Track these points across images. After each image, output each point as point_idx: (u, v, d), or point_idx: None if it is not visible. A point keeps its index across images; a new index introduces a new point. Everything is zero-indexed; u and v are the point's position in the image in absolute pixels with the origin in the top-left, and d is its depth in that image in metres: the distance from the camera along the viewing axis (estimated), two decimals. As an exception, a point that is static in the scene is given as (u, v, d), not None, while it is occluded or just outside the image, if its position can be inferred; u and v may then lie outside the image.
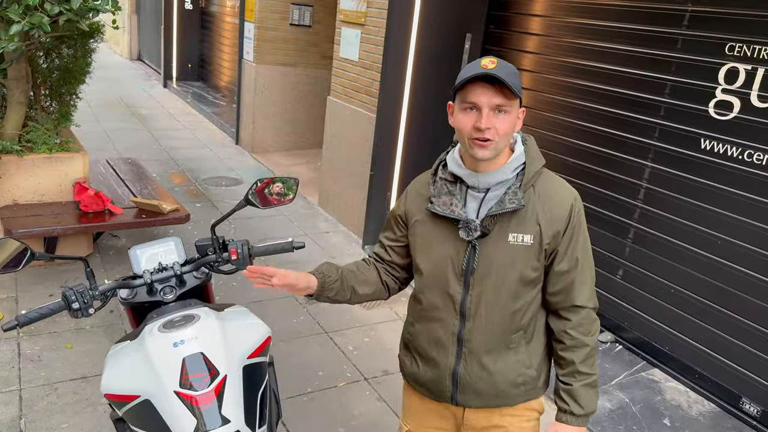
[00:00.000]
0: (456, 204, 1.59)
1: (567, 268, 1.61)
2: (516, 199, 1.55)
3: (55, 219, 3.82)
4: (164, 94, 11.01)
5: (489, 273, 1.59)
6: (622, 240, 3.74)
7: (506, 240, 1.58)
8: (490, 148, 1.51)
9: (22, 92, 3.94)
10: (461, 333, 1.65)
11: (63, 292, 1.69)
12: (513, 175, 1.60)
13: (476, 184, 1.59)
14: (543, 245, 1.58)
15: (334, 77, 5.42)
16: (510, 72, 1.49)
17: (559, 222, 1.59)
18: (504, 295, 1.60)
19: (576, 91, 3.93)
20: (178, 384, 1.52)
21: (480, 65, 1.48)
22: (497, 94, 1.48)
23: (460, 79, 1.51)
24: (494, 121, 1.49)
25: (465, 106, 1.51)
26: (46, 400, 2.89)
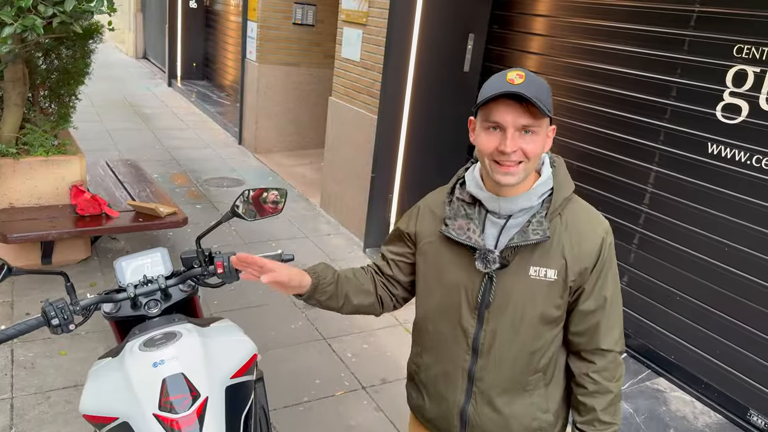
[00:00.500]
0: (473, 230, 1.44)
1: (593, 307, 1.45)
2: (541, 230, 1.39)
3: (51, 223, 3.77)
4: (168, 93, 10.99)
5: (506, 308, 1.45)
6: (626, 245, 3.65)
7: (527, 273, 1.43)
8: (514, 173, 1.35)
9: (19, 94, 3.89)
10: (472, 370, 1.51)
11: (42, 307, 1.64)
12: (539, 201, 1.43)
13: (497, 209, 1.44)
14: (568, 282, 1.43)
15: (336, 78, 5.36)
16: (540, 87, 1.33)
17: (588, 257, 1.43)
18: (522, 333, 1.46)
19: (580, 92, 3.85)
20: (157, 406, 1.46)
21: (506, 79, 1.31)
22: (524, 113, 1.31)
23: (483, 95, 1.34)
24: (520, 143, 1.33)
25: (488, 125, 1.35)
26: (38, 409, 2.85)
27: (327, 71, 7.48)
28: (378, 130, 4.63)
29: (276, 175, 6.73)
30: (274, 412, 3.00)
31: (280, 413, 3.01)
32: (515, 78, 1.31)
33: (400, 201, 4.81)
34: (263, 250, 4.74)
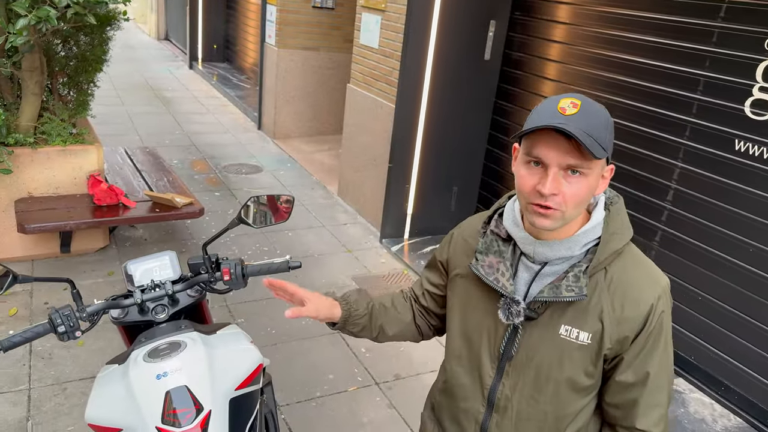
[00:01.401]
0: (503, 272, 1.27)
1: (632, 381, 1.25)
2: (576, 287, 1.19)
3: (69, 213, 3.80)
4: (189, 75, 11.00)
5: (530, 365, 1.28)
6: (648, 242, 3.57)
7: (557, 332, 1.24)
8: (551, 217, 1.16)
9: (37, 83, 3.90)
10: (486, 424, 1.36)
11: (49, 314, 1.63)
12: (582, 251, 1.23)
13: (531, 253, 1.26)
14: (603, 349, 1.23)
15: (354, 64, 5.29)
16: (596, 122, 1.12)
17: (632, 324, 1.21)
18: (546, 395, 1.29)
19: (603, 84, 3.75)
20: (160, 419, 1.46)
21: (557, 108, 1.13)
22: (572, 152, 1.11)
23: (529, 122, 1.16)
24: (563, 185, 1.13)
25: (529, 159, 1.16)
26: (54, 400, 2.88)
27: (346, 56, 7.40)
28: (396, 119, 4.57)
29: (294, 161, 6.71)
30: (287, 407, 3.01)
31: (292, 408, 3.01)
32: (568, 107, 1.12)
33: (417, 192, 4.75)
34: (279, 239, 4.74)
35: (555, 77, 4.12)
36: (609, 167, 1.22)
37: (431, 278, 1.54)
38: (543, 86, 4.23)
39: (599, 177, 1.19)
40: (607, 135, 1.15)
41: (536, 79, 4.29)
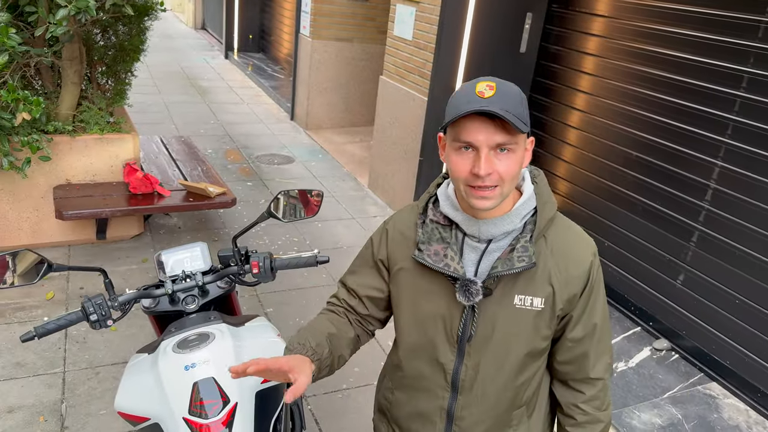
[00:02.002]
0: (451, 256, 1.29)
1: (581, 335, 1.35)
2: (526, 256, 1.25)
3: (105, 200, 3.87)
4: (225, 65, 11.10)
5: (490, 340, 1.32)
6: (684, 243, 3.48)
7: (512, 303, 1.30)
8: (491, 197, 1.21)
9: (76, 72, 3.98)
10: (452, 408, 1.39)
11: (82, 303, 1.66)
12: (521, 223, 1.30)
13: (477, 233, 1.29)
14: (556, 310, 1.31)
15: (387, 56, 5.26)
16: (514, 99, 1.18)
17: (577, 282, 1.31)
18: (507, 367, 1.34)
19: (643, 79, 3.65)
20: (187, 410, 1.47)
21: (475, 92, 1.18)
22: (498, 131, 1.16)
23: (450, 110, 1.20)
24: (496, 163, 1.18)
25: (458, 145, 1.21)
26: (88, 384, 2.95)
27: (380, 47, 7.38)
28: (428, 113, 4.54)
29: (326, 152, 6.73)
30: (313, 398, 3.03)
31: (318, 399, 3.03)
32: (485, 90, 1.17)
33: (448, 185, 4.72)
34: (309, 230, 4.77)
35: (592, 71, 4.03)
36: (530, 139, 1.28)
37: (368, 282, 1.46)
38: (580, 80, 4.15)
39: (524, 150, 1.25)
40: (524, 110, 1.21)
41: (573, 73, 4.21)
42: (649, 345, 3.62)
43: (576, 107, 4.18)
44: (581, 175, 4.17)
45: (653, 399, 3.17)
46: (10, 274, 1.62)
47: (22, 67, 3.85)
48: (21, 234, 3.98)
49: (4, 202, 3.86)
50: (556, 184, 4.41)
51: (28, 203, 3.94)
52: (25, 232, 3.99)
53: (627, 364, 3.43)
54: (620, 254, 3.90)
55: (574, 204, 4.25)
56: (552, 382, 1.46)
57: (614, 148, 3.87)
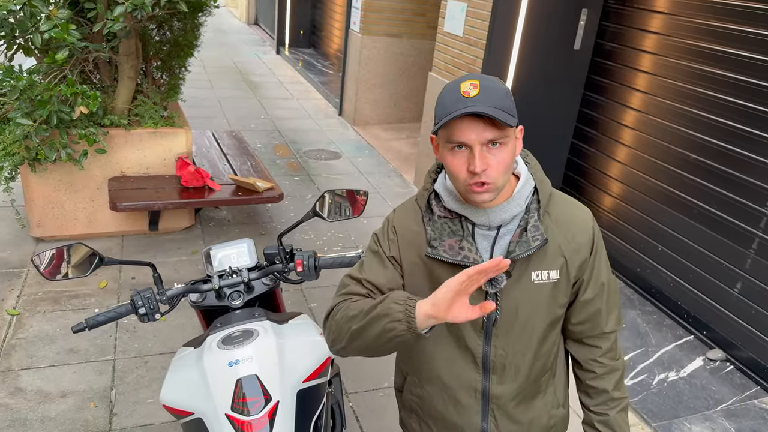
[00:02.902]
0: (468, 248, 1.32)
1: (592, 295, 1.43)
2: (539, 235, 1.31)
3: (158, 193, 3.97)
4: (276, 60, 11.23)
5: (515, 321, 1.37)
6: (743, 250, 3.33)
7: (530, 280, 1.35)
8: (490, 190, 1.25)
9: (132, 67, 4.08)
10: (486, 389, 1.43)
11: (131, 296, 1.70)
12: (525, 204, 1.35)
13: (487, 222, 1.33)
14: (570, 278, 1.38)
15: (437, 52, 5.22)
16: (498, 94, 1.21)
17: (585, 248, 1.38)
18: (534, 340, 1.40)
19: (703, 78, 3.51)
20: (230, 407, 1.49)
21: (460, 93, 1.21)
22: (488, 128, 1.20)
23: (439, 113, 1.24)
24: (489, 158, 1.22)
25: (451, 146, 1.24)
26: (136, 372, 3.04)
27: (429, 43, 7.33)
28: (477, 111, 4.47)
29: (372, 148, 6.73)
30: (354, 395, 3.03)
31: (360, 396, 3.03)
32: (470, 90, 1.21)
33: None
34: (355, 226, 4.78)
35: (649, 69, 3.90)
36: (519, 128, 1.31)
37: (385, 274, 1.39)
38: (636, 78, 4.02)
39: (515, 140, 1.28)
40: (511, 103, 1.24)
41: (629, 71, 4.08)
42: (703, 355, 3.49)
43: (631, 106, 4.06)
44: (635, 177, 4.04)
45: (705, 411, 3.06)
46: (66, 265, 1.67)
47: (81, 62, 3.98)
48: (77, 224, 4.12)
49: (62, 193, 4.00)
50: (608, 185, 4.29)
51: (85, 194, 4.07)
52: (81, 222, 4.13)
53: (678, 374, 3.32)
54: (674, 260, 3.77)
55: (627, 206, 4.12)
56: (566, 343, 1.53)
57: (670, 150, 3.74)
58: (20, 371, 2.96)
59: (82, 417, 2.74)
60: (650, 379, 3.25)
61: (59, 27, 3.26)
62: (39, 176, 3.89)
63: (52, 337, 3.21)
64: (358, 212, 1.87)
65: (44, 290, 3.59)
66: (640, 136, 3.99)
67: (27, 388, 2.86)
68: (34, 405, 2.77)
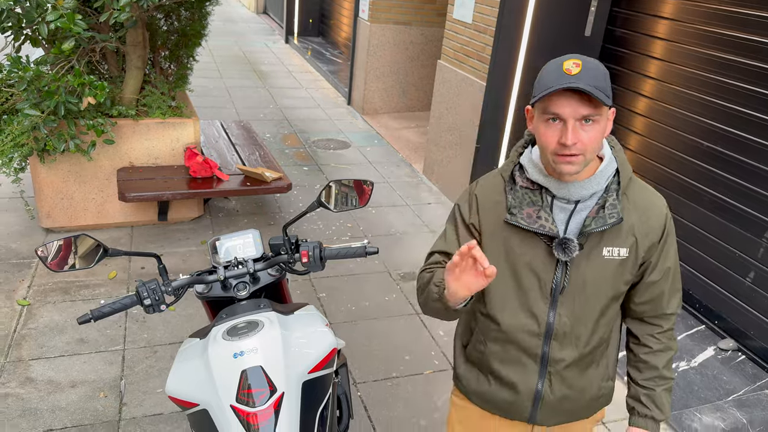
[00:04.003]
0: (545, 218, 1.42)
1: (658, 278, 1.51)
2: (615, 212, 1.40)
3: (166, 183, 3.97)
4: (285, 49, 11.19)
5: (581, 291, 1.47)
6: (757, 239, 3.29)
7: (600, 255, 1.45)
8: (577, 163, 1.34)
9: (140, 57, 4.07)
10: (546, 353, 1.52)
11: (136, 287, 1.70)
12: (605, 184, 1.44)
13: (567, 195, 1.43)
14: (639, 258, 1.47)
15: (446, 40, 5.17)
16: (598, 74, 1.29)
17: (655, 232, 1.47)
18: (596, 312, 1.50)
19: (717, 65, 3.45)
20: (234, 398, 1.48)
21: (562, 70, 1.29)
22: (584, 104, 1.29)
23: (539, 86, 1.33)
24: (581, 134, 1.31)
25: (547, 117, 1.33)
26: (146, 362, 3.05)
27: (438, 30, 7.27)
28: (486, 99, 4.44)
29: (381, 138, 6.70)
30: (363, 384, 3.03)
31: (368, 386, 3.03)
32: (572, 68, 1.28)
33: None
34: (363, 216, 4.76)
35: (662, 56, 3.84)
36: (611, 110, 1.38)
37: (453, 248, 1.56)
38: (648, 65, 3.96)
39: (606, 120, 1.36)
40: (607, 84, 1.32)
41: (640, 58, 4.02)
42: (714, 344, 3.45)
43: (643, 93, 4.00)
44: (646, 164, 3.99)
45: (716, 401, 3.03)
46: (71, 257, 1.67)
47: (88, 53, 3.97)
48: (87, 214, 4.14)
49: (71, 184, 4.01)
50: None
51: (94, 185, 4.08)
52: (90, 213, 4.14)
53: (689, 363, 3.29)
54: (685, 248, 3.72)
55: (638, 195, 4.07)
56: (626, 320, 1.62)
57: (683, 137, 3.69)
58: (31, 361, 2.98)
59: (92, 407, 2.75)
60: (661, 370, 3.22)
61: (65, 17, 3.25)
62: (48, 167, 3.90)
63: (62, 328, 3.23)
64: (363, 202, 1.86)
65: (54, 281, 3.61)
66: (651, 123, 3.93)
67: (37, 378, 2.88)
68: (45, 395, 2.79)
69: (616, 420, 2.94)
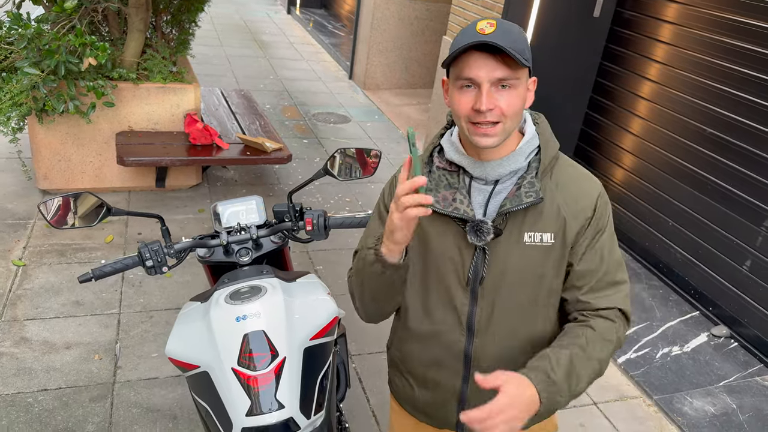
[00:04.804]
0: (461, 200, 1.30)
1: (587, 267, 1.33)
2: (533, 192, 1.26)
3: (165, 149, 3.93)
4: (287, 20, 11.06)
5: (502, 281, 1.32)
6: (755, 227, 3.30)
7: (521, 240, 1.30)
8: (493, 134, 1.22)
9: (142, 20, 4.00)
10: (469, 351, 1.38)
11: (139, 248, 1.68)
12: (526, 162, 1.31)
13: (483, 175, 1.30)
14: (567, 244, 1.31)
15: (452, 15, 5.11)
16: (515, 36, 1.18)
17: (586, 213, 1.32)
18: (522, 304, 1.34)
19: (724, 51, 3.42)
20: (236, 361, 1.48)
21: (475, 30, 1.18)
22: (499, 66, 1.17)
23: (451, 49, 1.20)
24: (497, 99, 1.19)
25: (461, 83, 1.21)
26: (141, 327, 3.05)
27: (443, 6, 7.18)
28: (491, 77, 4.39)
29: (382, 114, 6.66)
30: (359, 357, 3.04)
31: (364, 359, 3.04)
32: (486, 27, 1.17)
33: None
34: (362, 190, 4.75)
35: (669, 40, 3.80)
36: (532, 79, 1.28)
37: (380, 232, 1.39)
38: (655, 49, 3.92)
39: (526, 89, 1.25)
40: (525, 48, 1.20)
41: (648, 41, 3.98)
42: (707, 331, 3.48)
43: (648, 77, 3.97)
44: (648, 149, 3.98)
45: (707, 386, 3.06)
46: (72, 215, 1.65)
47: (90, 13, 3.90)
48: (84, 178, 4.10)
49: (69, 146, 3.97)
50: (621, 158, 4.23)
51: (92, 148, 4.04)
52: (88, 176, 4.11)
53: (682, 348, 3.31)
54: (683, 234, 3.73)
55: (639, 179, 4.07)
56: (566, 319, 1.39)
57: (687, 123, 3.67)
58: (26, 321, 2.97)
59: (86, 368, 2.75)
60: (654, 353, 3.25)
61: (68, -26, 3.19)
62: (46, 128, 3.85)
63: (57, 289, 3.22)
64: (369, 173, 1.84)
65: (50, 242, 3.58)
66: (656, 108, 3.91)
67: (32, 338, 2.88)
68: (39, 355, 2.79)
69: (608, 401, 2.96)
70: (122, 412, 2.56)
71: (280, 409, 1.45)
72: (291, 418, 1.45)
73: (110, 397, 2.62)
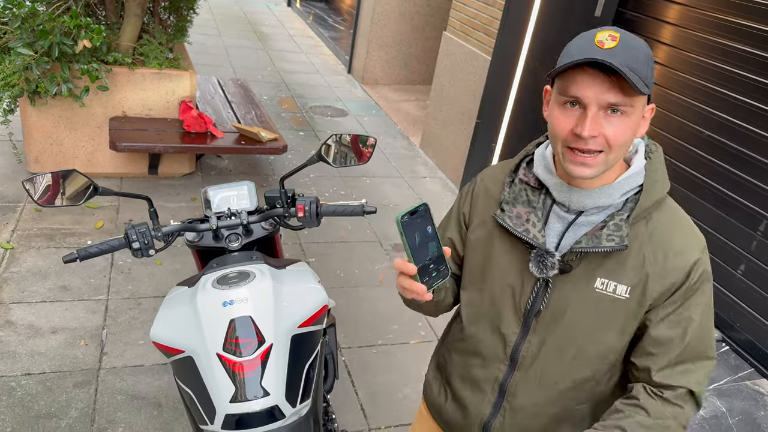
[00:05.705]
0: (534, 222, 1.17)
1: (666, 334, 1.13)
2: (617, 236, 1.10)
3: (159, 136, 3.89)
4: (287, 12, 11.00)
5: (560, 321, 1.18)
6: (750, 231, 3.28)
7: (591, 285, 1.14)
8: (593, 164, 1.06)
9: (139, 5, 3.96)
10: (506, 383, 1.27)
11: (125, 230, 1.65)
12: (621, 199, 1.13)
13: (567, 202, 1.16)
14: (645, 303, 1.13)
15: (453, 11, 5.08)
16: (637, 54, 1.01)
17: (677, 274, 1.12)
18: (573, 353, 1.20)
19: (726, 54, 3.40)
20: (221, 347, 1.45)
21: (594, 41, 1.02)
22: (613, 88, 1.01)
23: (561, 61, 1.05)
24: (603, 126, 1.03)
25: (564, 99, 1.06)
26: (129, 314, 3.01)
27: (444, 2, 7.15)
28: (490, 74, 4.37)
29: (379, 109, 6.62)
30: (348, 350, 3.01)
31: (353, 352, 3.02)
32: (606, 40, 1.01)
33: (503, 153, 4.58)
34: (357, 184, 4.72)
35: (671, 42, 3.78)
36: (650, 106, 1.10)
37: (448, 233, 1.36)
38: (656, 51, 3.90)
39: (641, 117, 1.08)
40: (649, 70, 1.03)
41: (650, 43, 3.95)
42: (699, 334, 3.46)
43: (648, 79, 3.95)
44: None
45: (698, 389, 3.04)
46: (60, 194, 1.62)
47: (86, -5, 3.85)
48: (76, 162, 4.05)
49: (62, 129, 3.92)
50: (617, 159, 4.21)
51: (85, 132, 3.99)
52: (80, 161, 4.06)
53: (673, 351, 3.29)
54: (678, 237, 3.71)
55: (635, 181, 4.04)
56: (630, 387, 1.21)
57: (685, 125, 3.65)
58: (11, 305, 2.93)
59: (72, 354, 2.71)
60: (645, 355, 3.23)
61: (65, -46, 3.14)
62: (38, 110, 3.80)
63: (45, 273, 3.17)
64: (364, 160, 1.81)
65: (39, 226, 3.54)
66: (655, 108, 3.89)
67: (17, 321, 2.84)
68: (24, 339, 2.75)
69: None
70: (106, 398, 2.52)
71: (265, 396, 1.42)
72: (276, 405, 1.42)
73: (95, 383, 2.58)
